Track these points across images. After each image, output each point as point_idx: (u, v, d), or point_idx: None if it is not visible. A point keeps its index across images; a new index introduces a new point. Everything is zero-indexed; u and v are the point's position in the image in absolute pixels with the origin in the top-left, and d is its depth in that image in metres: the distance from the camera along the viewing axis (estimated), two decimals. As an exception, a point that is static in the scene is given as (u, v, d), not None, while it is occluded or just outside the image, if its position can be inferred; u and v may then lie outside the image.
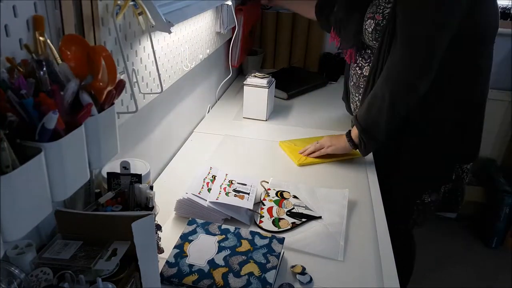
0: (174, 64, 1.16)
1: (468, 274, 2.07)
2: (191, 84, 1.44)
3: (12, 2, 0.57)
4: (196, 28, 1.31)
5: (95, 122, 0.62)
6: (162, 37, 1.06)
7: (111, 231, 0.66)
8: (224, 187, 1.05)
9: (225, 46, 1.77)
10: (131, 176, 0.78)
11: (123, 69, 0.85)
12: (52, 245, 0.65)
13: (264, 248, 0.86)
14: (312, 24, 2.09)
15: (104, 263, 0.62)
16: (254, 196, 1.04)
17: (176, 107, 1.32)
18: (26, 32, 0.59)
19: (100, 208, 0.74)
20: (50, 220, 0.68)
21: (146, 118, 1.10)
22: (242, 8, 1.73)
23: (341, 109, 1.66)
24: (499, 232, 2.23)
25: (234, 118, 1.60)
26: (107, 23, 0.79)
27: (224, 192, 1.03)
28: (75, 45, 0.61)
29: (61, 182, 0.55)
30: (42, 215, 0.53)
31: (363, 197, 1.12)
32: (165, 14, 0.94)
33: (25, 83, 0.51)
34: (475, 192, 2.31)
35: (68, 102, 0.57)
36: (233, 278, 0.79)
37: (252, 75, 1.56)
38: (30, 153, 0.49)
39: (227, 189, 1.04)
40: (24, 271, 0.59)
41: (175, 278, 0.79)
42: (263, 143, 1.39)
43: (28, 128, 0.51)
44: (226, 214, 0.98)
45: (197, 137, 1.44)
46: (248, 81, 1.55)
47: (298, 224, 0.99)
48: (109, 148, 0.67)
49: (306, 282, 0.82)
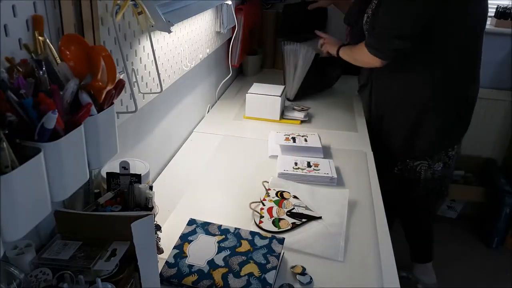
0: (173, 64, 1.16)
1: (468, 274, 2.07)
2: (191, 84, 1.44)
3: (12, 1, 0.56)
4: (196, 27, 1.31)
5: (95, 122, 0.62)
6: (161, 36, 1.06)
7: (111, 231, 0.65)
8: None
9: (225, 46, 1.76)
10: (130, 176, 0.78)
11: (123, 69, 0.85)
12: (52, 245, 0.65)
13: (264, 249, 0.86)
14: (312, 24, 2.09)
15: (104, 263, 0.62)
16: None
17: (176, 107, 1.32)
18: (26, 32, 0.59)
19: (99, 208, 0.74)
20: (49, 220, 0.68)
21: (145, 118, 1.10)
22: (242, 8, 1.73)
23: (345, 108, 1.66)
24: (499, 232, 2.22)
25: (234, 118, 1.60)
26: (107, 22, 0.79)
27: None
28: (74, 44, 0.61)
29: (60, 182, 0.55)
30: (41, 215, 0.53)
31: (363, 197, 1.12)
32: (165, 13, 0.94)
33: (25, 83, 0.51)
34: (476, 192, 2.31)
35: (67, 102, 0.57)
36: (233, 278, 0.79)
37: (291, 107, 1.62)
38: (29, 153, 0.49)
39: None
40: (24, 272, 0.59)
41: (174, 278, 0.79)
42: (263, 143, 1.39)
43: (28, 128, 0.51)
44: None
45: (197, 137, 1.44)
46: (286, 115, 1.60)
47: (298, 224, 0.99)
48: (109, 148, 0.67)
49: (306, 282, 0.82)
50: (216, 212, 1.03)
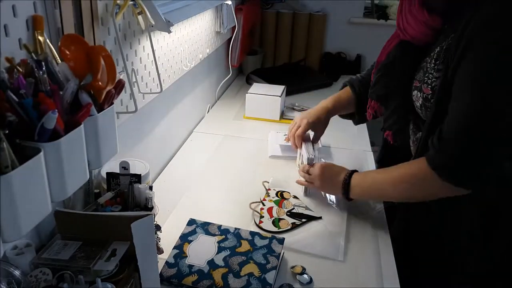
0: (173, 64, 1.16)
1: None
2: (191, 84, 1.44)
3: (12, 1, 0.56)
4: (196, 27, 1.31)
5: (95, 122, 0.62)
6: (161, 36, 1.06)
7: (111, 231, 0.65)
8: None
9: (225, 45, 1.77)
10: (130, 176, 0.78)
11: (123, 69, 0.85)
12: (52, 245, 0.65)
13: (264, 249, 0.86)
14: (313, 24, 2.09)
15: (104, 263, 0.62)
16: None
17: (176, 107, 1.32)
18: (26, 32, 0.59)
19: (99, 208, 0.74)
20: (49, 221, 0.68)
21: (145, 118, 1.10)
22: (242, 8, 1.73)
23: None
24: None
25: (234, 118, 1.60)
26: (107, 22, 0.79)
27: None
28: (74, 44, 0.61)
29: (60, 182, 0.55)
30: (41, 215, 0.53)
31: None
32: (165, 13, 0.94)
33: (25, 83, 0.51)
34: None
35: (67, 102, 0.57)
36: (233, 278, 0.79)
37: (291, 107, 1.63)
38: (29, 153, 0.49)
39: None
40: (24, 272, 0.59)
41: (174, 278, 0.79)
42: (263, 143, 1.39)
43: (28, 128, 0.51)
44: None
45: (197, 137, 1.44)
46: (286, 115, 1.60)
47: (298, 224, 0.98)
48: (109, 148, 0.67)
49: (306, 282, 0.82)
50: (216, 212, 1.03)
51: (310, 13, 2.07)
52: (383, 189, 0.92)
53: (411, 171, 0.85)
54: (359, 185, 0.96)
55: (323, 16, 2.08)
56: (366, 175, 0.97)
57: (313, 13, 2.08)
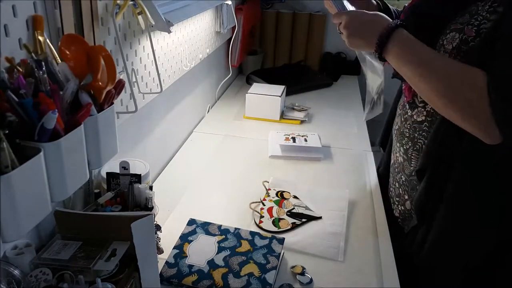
0: (173, 64, 1.16)
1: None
2: (191, 84, 1.44)
3: (12, 2, 0.56)
4: (196, 27, 1.31)
5: (95, 122, 0.62)
6: (161, 36, 1.06)
7: (111, 231, 0.65)
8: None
9: (225, 45, 1.76)
10: (130, 176, 0.78)
11: (123, 69, 0.85)
12: (52, 245, 0.65)
13: (264, 249, 0.86)
14: (313, 24, 2.09)
15: (104, 263, 0.62)
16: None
17: (176, 107, 1.32)
18: (26, 32, 0.59)
19: (99, 208, 0.74)
20: (49, 220, 0.68)
21: (145, 118, 1.10)
22: (242, 8, 1.73)
23: (345, 108, 1.66)
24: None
25: (234, 118, 1.60)
26: (107, 22, 0.79)
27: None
28: (74, 44, 0.61)
29: (60, 182, 0.55)
30: (41, 215, 0.53)
31: (363, 197, 1.12)
32: (165, 13, 0.94)
33: (25, 83, 0.51)
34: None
35: (67, 102, 0.57)
36: (233, 278, 0.79)
37: (291, 107, 1.62)
38: (29, 153, 0.49)
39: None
40: (23, 272, 0.59)
41: (174, 278, 0.79)
42: (263, 143, 1.39)
43: (28, 128, 0.51)
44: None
45: (197, 137, 1.44)
46: (286, 115, 1.60)
47: (298, 224, 0.98)
48: (109, 148, 0.67)
49: (306, 282, 0.82)
50: (216, 212, 1.03)
51: (310, 13, 2.07)
52: (429, 59, 0.77)
53: (471, 75, 0.72)
54: (404, 39, 0.80)
55: (323, 16, 2.08)
56: (415, 38, 0.81)
57: (313, 13, 2.08)
